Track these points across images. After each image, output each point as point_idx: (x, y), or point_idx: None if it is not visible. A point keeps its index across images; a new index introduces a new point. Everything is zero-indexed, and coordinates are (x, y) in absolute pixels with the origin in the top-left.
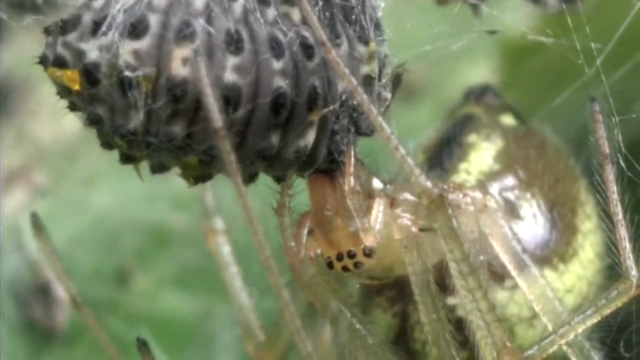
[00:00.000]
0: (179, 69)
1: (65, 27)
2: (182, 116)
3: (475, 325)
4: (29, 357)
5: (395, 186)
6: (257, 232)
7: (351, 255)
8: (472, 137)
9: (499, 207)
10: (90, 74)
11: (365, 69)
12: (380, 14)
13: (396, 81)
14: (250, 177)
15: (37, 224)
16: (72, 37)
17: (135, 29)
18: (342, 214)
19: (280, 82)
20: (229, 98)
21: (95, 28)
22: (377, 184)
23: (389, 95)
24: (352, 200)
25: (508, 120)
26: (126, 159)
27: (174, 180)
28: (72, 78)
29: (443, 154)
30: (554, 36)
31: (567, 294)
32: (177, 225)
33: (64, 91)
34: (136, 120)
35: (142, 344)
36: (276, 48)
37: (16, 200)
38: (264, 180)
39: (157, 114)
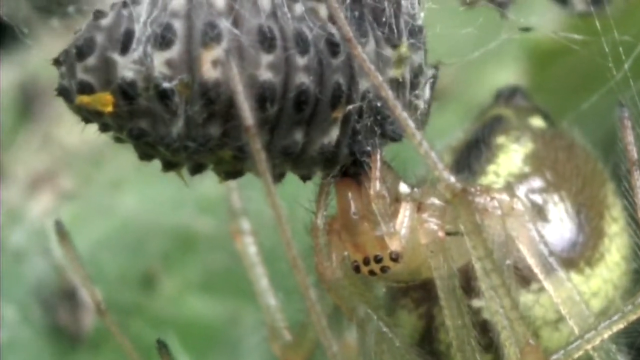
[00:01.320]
0: (210, 72)
1: (80, 52)
2: (217, 117)
3: (499, 325)
4: None
5: (422, 190)
6: (285, 229)
7: (378, 260)
8: (501, 139)
9: (526, 209)
10: (126, 92)
11: (391, 72)
12: (419, 22)
13: (433, 83)
14: (277, 177)
15: (62, 231)
16: (92, 60)
17: (164, 39)
18: (368, 218)
19: (304, 79)
20: (265, 96)
21: (125, 45)
22: (403, 188)
23: (422, 105)
24: (377, 204)
25: (537, 122)
26: (169, 166)
27: (201, 184)
28: (104, 100)
29: (471, 155)
30: (582, 38)
31: (593, 297)
32: (203, 229)
33: (92, 116)
34: (177, 127)
35: (162, 347)
36: (302, 44)
37: (42, 205)
38: (295, 193)
39: (194, 118)
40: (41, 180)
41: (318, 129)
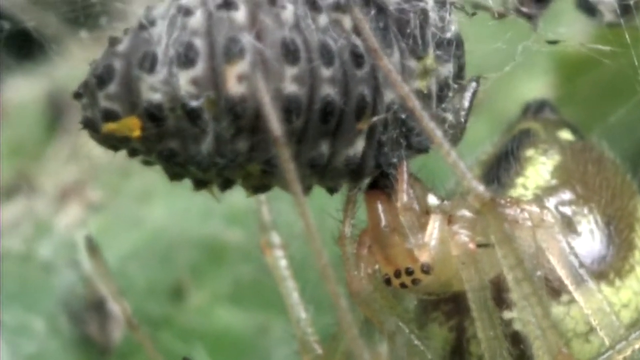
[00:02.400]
0: (235, 87)
1: (101, 80)
2: (245, 131)
3: (531, 335)
4: None
5: (452, 202)
6: (314, 237)
7: (409, 272)
8: (530, 152)
9: (556, 221)
10: (153, 114)
11: (416, 84)
12: (449, 35)
13: (471, 97)
14: (305, 190)
15: (92, 246)
16: (114, 87)
17: (187, 57)
18: (398, 231)
19: (329, 90)
20: (290, 109)
21: (147, 67)
22: (433, 200)
23: (450, 117)
24: (405, 215)
25: (566, 135)
26: (200, 184)
27: (229, 196)
28: (131, 125)
29: (500, 168)
30: (610, 50)
31: (623, 309)
32: (232, 240)
33: (120, 142)
34: (207, 144)
35: None
36: (326, 55)
37: (70, 216)
38: (324, 205)
39: (223, 135)
40: (69, 192)
41: (343, 140)
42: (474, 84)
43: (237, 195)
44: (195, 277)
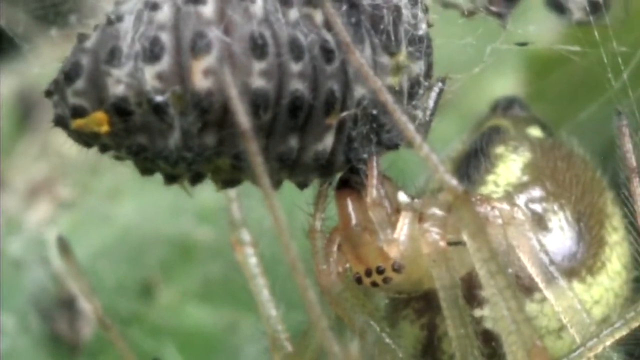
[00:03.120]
0: (201, 82)
1: (68, 77)
2: (212, 125)
3: (504, 330)
4: None
5: (422, 200)
6: (283, 231)
7: (380, 271)
8: (500, 149)
9: (526, 218)
10: (120, 108)
11: (388, 80)
12: (421, 32)
13: (437, 96)
14: (274, 185)
15: (64, 246)
16: (81, 83)
17: (153, 52)
18: (369, 229)
19: (298, 85)
20: (258, 103)
21: (113, 62)
22: (403, 197)
23: (420, 115)
24: (375, 212)
25: (535, 132)
26: (170, 179)
27: (199, 194)
28: (98, 120)
29: (470, 165)
30: (580, 48)
31: (595, 305)
32: (202, 238)
33: (90, 138)
34: (174, 138)
35: None
36: (296, 50)
37: (40, 214)
38: (293, 200)
39: (190, 129)
40: (39, 189)
41: (312, 135)
42: (439, 84)
43: (207, 193)
44: (165, 274)
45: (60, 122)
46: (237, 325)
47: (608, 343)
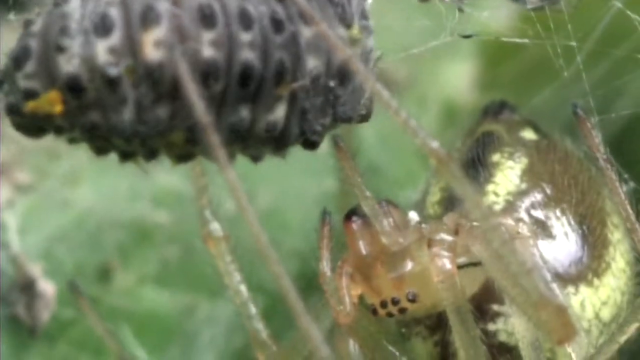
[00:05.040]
0: (152, 53)
1: (17, 62)
2: (164, 98)
3: (520, 308)
4: (12, 354)
5: (430, 226)
6: (247, 209)
7: (395, 302)
8: (496, 157)
9: (531, 233)
10: (73, 85)
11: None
12: (367, 6)
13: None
14: (229, 159)
15: (75, 289)
16: (31, 65)
17: (104, 27)
18: (381, 260)
19: (248, 55)
20: (208, 73)
21: (63, 41)
22: (412, 224)
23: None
24: (385, 242)
25: (529, 135)
26: (125, 156)
27: (157, 178)
28: (52, 100)
29: (468, 176)
30: (533, 35)
31: (603, 306)
32: (159, 222)
33: (44, 121)
34: (128, 113)
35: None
36: (246, 20)
37: None
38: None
39: (143, 102)
40: None
41: (263, 105)
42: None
43: (164, 177)
44: (122, 258)
45: (12, 109)
46: (194, 309)
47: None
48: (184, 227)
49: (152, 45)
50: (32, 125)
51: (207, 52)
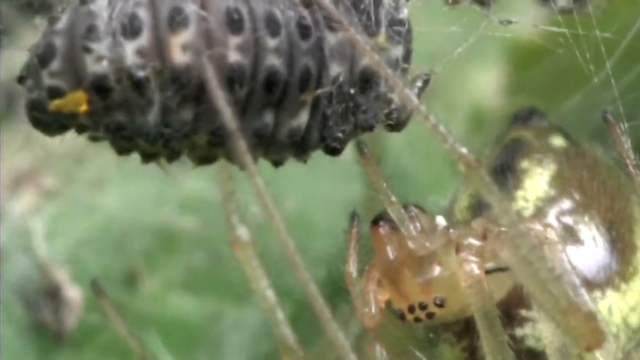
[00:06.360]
0: (179, 57)
1: (43, 59)
2: (189, 100)
3: (548, 314)
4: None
5: (458, 230)
6: (274, 216)
7: (422, 307)
8: (525, 163)
9: (559, 239)
10: (100, 86)
11: (365, 61)
12: (402, 16)
13: (422, 87)
14: None
15: (98, 289)
16: (56, 63)
17: (132, 27)
18: (409, 265)
19: (274, 60)
20: (234, 78)
21: (90, 41)
22: (440, 228)
23: (396, 99)
24: (413, 247)
25: (558, 141)
26: (147, 157)
27: (183, 183)
28: (77, 100)
29: (497, 182)
30: (562, 38)
31: (631, 312)
32: (186, 227)
33: (68, 120)
34: (153, 114)
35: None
36: (272, 26)
37: (24, 203)
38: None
39: (168, 104)
40: (23, 179)
41: (287, 111)
42: (424, 76)
43: (191, 182)
44: (149, 264)
45: (36, 105)
46: (220, 315)
47: None
48: (211, 232)
49: (180, 49)
50: (54, 123)
51: (234, 57)
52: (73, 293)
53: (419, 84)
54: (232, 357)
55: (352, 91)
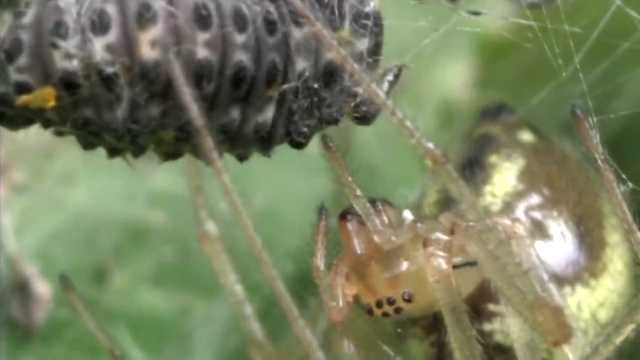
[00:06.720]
0: (148, 53)
1: (9, 54)
2: (157, 97)
3: (516, 309)
4: (8, 354)
5: (426, 225)
6: (241, 212)
7: (390, 302)
8: (493, 158)
9: (528, 233)
10: (68, 82)
11: (329, 55)
12: (367, 9)
13: (393, 81)
14: None
15: (66, 283)
16: (24, 59)
17: (101, 24)
18: (376, 259)
19: (242, 56)
20: (202, 74)
21: (58, 36)
22: (406, 223)
23: (361, 92)
24: (379, 241)
25: (527, 136)
26: (113, 152)
27: (151, 178)
28: (45, 96)
29: (466, 177)
30: (532, 34)
31: (600, 308)
32: (155, 222)
33: (34, 114)
34: (121, 110)
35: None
36: (240, 21)
37: None
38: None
39: (137, 101)
40: None
41: (254, 106)
42: (395, 70)
43: (159, 177)
44: (118, 258)
45: (3, 101)
46: (190, 309)
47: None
48: (180, 227)
49: (149, 45)
50: (19, 118)
51: (202, 53)
52: (42, 288)
53: (390, 77)
54: (201, 352)
55: (316, 85)
